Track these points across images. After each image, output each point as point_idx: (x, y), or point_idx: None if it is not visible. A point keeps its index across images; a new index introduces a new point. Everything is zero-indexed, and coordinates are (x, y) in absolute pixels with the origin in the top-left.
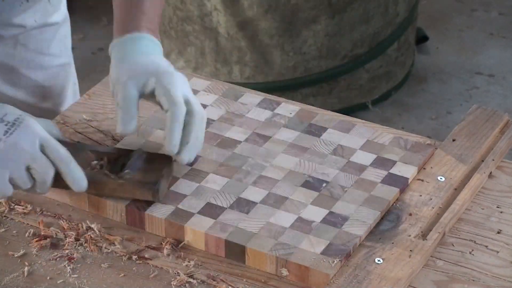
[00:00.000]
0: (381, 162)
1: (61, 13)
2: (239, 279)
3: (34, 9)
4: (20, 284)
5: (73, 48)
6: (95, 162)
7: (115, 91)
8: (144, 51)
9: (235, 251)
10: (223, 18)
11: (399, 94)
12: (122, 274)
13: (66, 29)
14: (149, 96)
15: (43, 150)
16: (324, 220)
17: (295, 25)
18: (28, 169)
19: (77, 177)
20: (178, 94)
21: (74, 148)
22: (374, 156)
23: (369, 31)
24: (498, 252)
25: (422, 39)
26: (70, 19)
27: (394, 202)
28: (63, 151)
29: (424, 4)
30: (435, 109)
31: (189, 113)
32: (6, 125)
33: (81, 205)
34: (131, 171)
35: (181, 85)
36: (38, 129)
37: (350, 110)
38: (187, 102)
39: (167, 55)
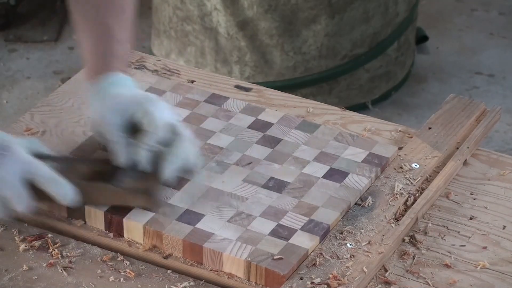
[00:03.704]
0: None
1: None
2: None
3: None
4: (19, 284)
5: (72, 48)
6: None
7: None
8: (119, 85)
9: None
10: (223, 18)
11: (399, 94)
12: (121, 274)
13: None
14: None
15: (28, 177)
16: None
17: (295, 25)
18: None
19: (64, 191)
20: (159, 118)
21: (66, 162)
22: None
23: (369, 31)
24: (469, 237)
25: (422, 39)
26: (69, 20)
27: (369, 188)
28: (46, 170)
29: (424, 4)
30: (435, 109)
31: (174, 134)
32: None
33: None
34: (130, 179)
35: (163, 110)
36: (22, 157)
37: (350, 110)
38: (170, 125)
39: (167, 55)
